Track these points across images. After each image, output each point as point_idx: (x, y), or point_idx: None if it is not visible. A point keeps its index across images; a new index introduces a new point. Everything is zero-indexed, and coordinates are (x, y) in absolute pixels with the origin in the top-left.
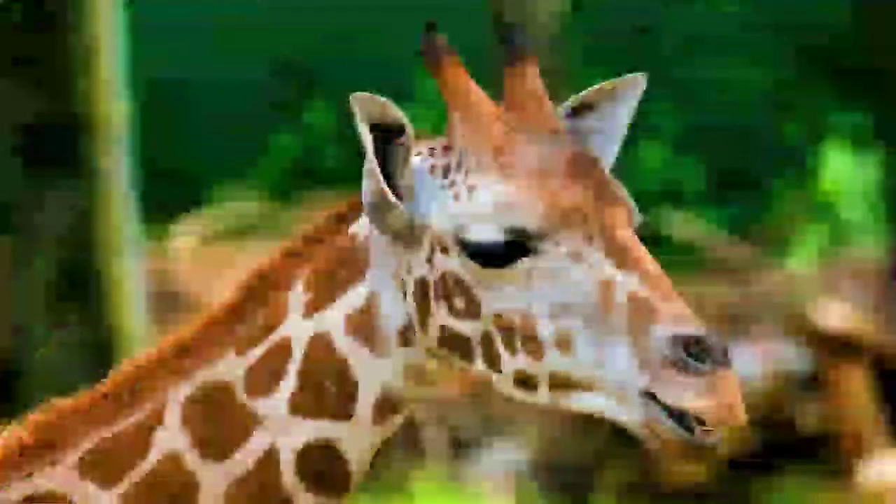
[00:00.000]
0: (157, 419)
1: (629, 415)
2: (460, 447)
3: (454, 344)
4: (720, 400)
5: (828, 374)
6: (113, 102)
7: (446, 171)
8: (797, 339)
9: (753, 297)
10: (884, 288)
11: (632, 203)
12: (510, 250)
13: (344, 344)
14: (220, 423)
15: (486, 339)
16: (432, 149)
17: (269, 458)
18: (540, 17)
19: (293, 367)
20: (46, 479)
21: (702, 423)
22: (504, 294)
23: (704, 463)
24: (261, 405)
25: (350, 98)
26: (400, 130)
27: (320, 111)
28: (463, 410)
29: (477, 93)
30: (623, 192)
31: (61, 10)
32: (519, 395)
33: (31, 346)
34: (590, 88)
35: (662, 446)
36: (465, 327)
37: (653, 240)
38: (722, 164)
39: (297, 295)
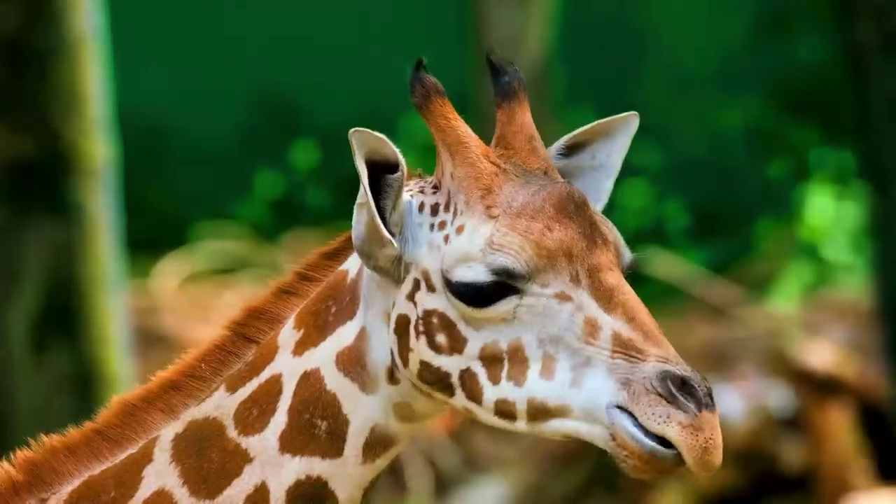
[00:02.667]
0: (147, 456)
1: (597, 429)
2: (443, 485)
3: (434, 378)
4: (702, 440)
5: (811, 414)
6: (97, 141)
7: (435, 210)
8: (780, 379)
9: (736, 337)
10: (867, 327)
11: (621, 241)
12: (497, 290)
13: (334, 381)
14: (210, 460)
15: (468, 373)
16: (422, 187)
17: (260, 495)
18: (524, 58)
19: (284, 405)
20: None
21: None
22: (490, 330)
23: (664, 479)
24: (252, 442)
25: (349, 133)
26: (393, 167)
27: (304, 150)
28: (446, 448)
29: (465, 132)
30: (612, 231)
31: (45, 48)
32: (500, 424)
33: (15, 384)
34: (583, 127)
35: (627, 460)
36: (446, 362)
37: (636, 279)
38: (705, 203)
39: (288, 332)
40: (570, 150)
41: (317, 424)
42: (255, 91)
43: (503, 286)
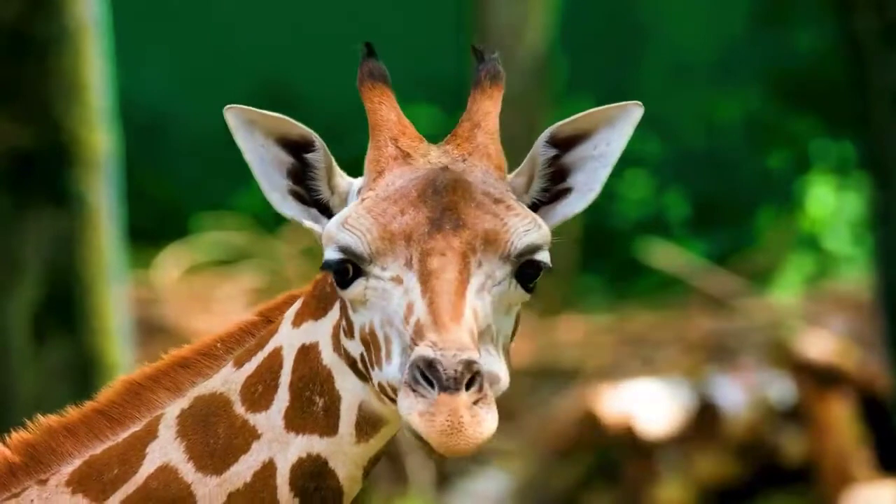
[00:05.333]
0: (152, 433)
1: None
2: (445, 477)
3: (350, 362)
4: (438, 424)
5: (811, 405)
6: (98, 132)
7: (360, 193)
8: (781, 370)
9: (737, 328)
10: (868, 319)
11: (510, 228)
12: (353, 272)
13: (329, 356)
14: (217, 436)
15: (361, 358)
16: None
17: (268, 472)
18: (525, 47)
19: (285, 380)
20: (37, 497)
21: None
22: (360, 313)
23: (443, 461)
24: (260, 419)
25: (224, 110)
26: (308, 145)
27: None
28: None
29: (384, 116)
30: (491, 219)
31: (46, 38)
32: (387, 405)
33: (15, 374)
34: (580, 114)
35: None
36: (350, 346)
37: (637, 270)
38: (706, 194)
39: (293, 310)
40: (570, 140)
41: (315, 402)
42: (255, 82)
43: (356, 268)
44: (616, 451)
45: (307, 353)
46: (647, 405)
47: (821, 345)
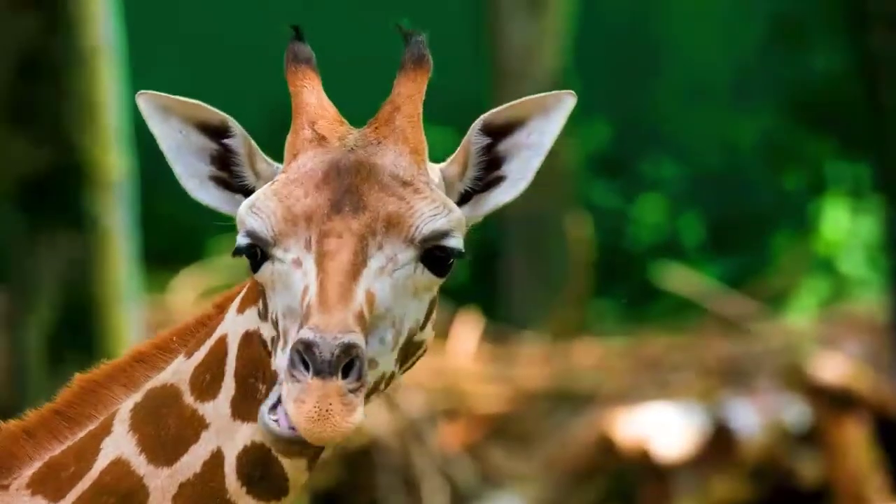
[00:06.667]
0: (107, 428)
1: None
2: (459, 500)
3: (265, 346)
4: (306, 410)
5: (826, 428)
6: (113, 154)
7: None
8: (796, 393)
9: (752, 351)
10: (883, 341)
11: (412, 213)
12: (261, 255)
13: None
14: (167, 427)
15: (273, 342)
16: None
17: (216, 461)
18: (539, 68)
19: (230, 368)
20: None
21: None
22: (272, 298)
23: (305, 457)
24: (208, 408)
25: (145, 99)
26: (226, 130)
27: None
28: (462, 463)
29: (305, 100)
30: (393, 204)
31: (61, 60)
32: None
33: (30, 397)
34: (513, 102)
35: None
36: (265, 331)
37: (653, 293)
38: (721, 217)
39: (239, 297)
40: (504, 128)
41: (258, 389)
42: (271, 102)
43: (263, 251)
44: (631, 475)
45: (250, 340)
46: (663, 428)
47: (836, 368)
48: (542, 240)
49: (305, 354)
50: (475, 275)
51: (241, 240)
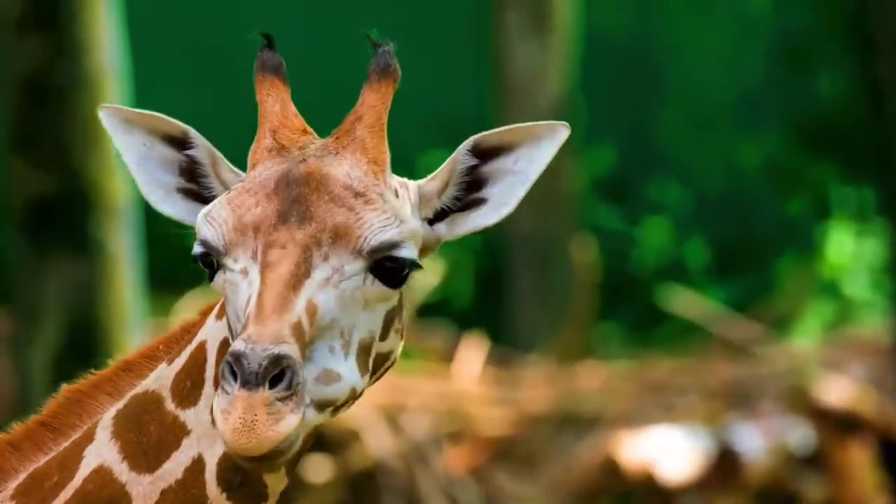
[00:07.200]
0: (90, 437)
1: None
2: None
3: None
4: (231, 422)
5: (831, 451)
6: (118, 179)
7: None
8: (801, 416)
9: (757, 374)
10: (887, 364)
11: (360, 224)
12: (215, 263)
13: None
14: (149, 433)
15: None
16: None
17: (197, 468)
18: (545, 93)
19: (209, 374)
20: None
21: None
22: (227, 306)
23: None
24: (189, 415)
25: (108, 113)
26: (184, 140)
27: None
28: (467, 485)
29: (269, 109)
30: (342, 215)
31: (66, 85)
32: None
33: None
34: (506, 127)
35: None
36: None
37: (657, 317)
38: (726, 240)
39: (218, 305)
40: (494, 151)
41: None
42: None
43: (217, 260)
44: (637, 498)
45: (227, 346)
46: (668, 452)
47: (840, 391)
48: (547, 263)
49: (234, 365)
50: (480, 298)
51: (196, 248)
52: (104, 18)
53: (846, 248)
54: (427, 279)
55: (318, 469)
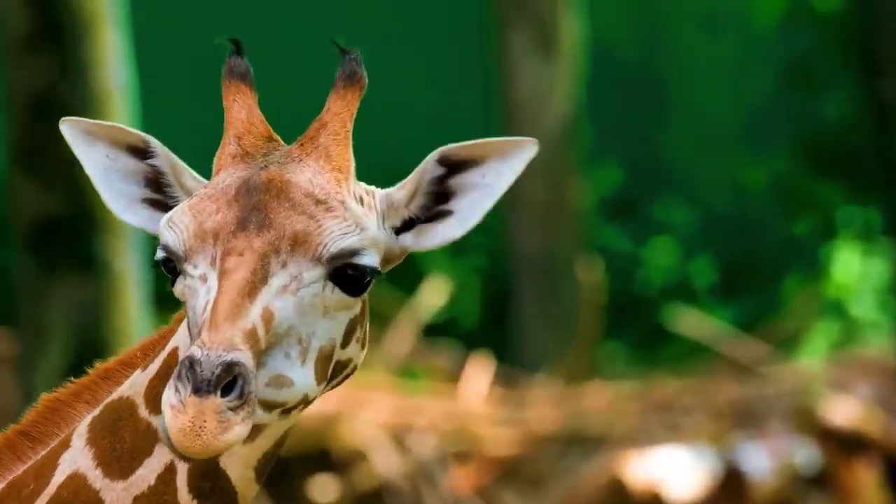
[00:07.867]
0: (66, 444)
1: None
2: None
3: None
4: (181, 422)
5: (837, 471)
6: None
7: None
8: (807, 436)
9: (763, 394)
10: (893, 384)
11: (320, 231)
12: (176, 269)
13: None
14: (123, 440)
15: None
16: None
17: (169, 475)
18: (551, 114)
19: None
20: None
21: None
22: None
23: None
24: (161, 421)
25: (69, 126)
26: (146, 149)
27: None
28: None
29: (235, 115)
30: (301, 222)
31: (73, 104)
32: None
33: None
34: (477, 141)
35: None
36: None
37: (664, 337)
38: (732, 260)
39: None
40: (462, 164)
41: None
42: (288, 139)
43: (177, 266)
44: None
45: None
46: (674, 471)
47: (846, 411)
48: (554, 283)
49: (188, 371)
50: (486, 318)
51: (159, 253)
52: (110, 37)
53: (852, 269)
54: (434, 299)
55: (325, 489)
